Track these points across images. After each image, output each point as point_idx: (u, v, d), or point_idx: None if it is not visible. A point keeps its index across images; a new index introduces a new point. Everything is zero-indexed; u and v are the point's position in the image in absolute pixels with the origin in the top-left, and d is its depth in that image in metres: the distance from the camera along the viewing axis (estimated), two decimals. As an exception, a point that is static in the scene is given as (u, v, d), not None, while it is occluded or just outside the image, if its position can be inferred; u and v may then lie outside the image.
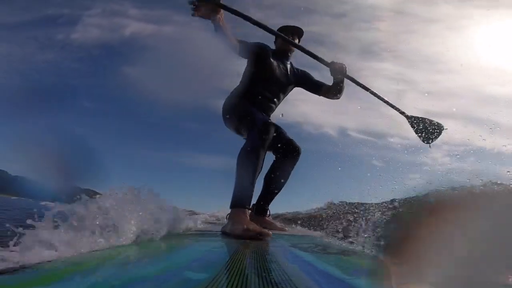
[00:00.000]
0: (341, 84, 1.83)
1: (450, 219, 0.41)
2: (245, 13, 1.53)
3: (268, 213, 1.90)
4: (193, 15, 1.42)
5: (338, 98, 1.94)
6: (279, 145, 1.79)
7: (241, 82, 1.87)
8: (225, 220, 1.49)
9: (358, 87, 1.78)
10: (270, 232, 1.26)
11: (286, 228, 1.89)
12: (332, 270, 0.69)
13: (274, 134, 1.59)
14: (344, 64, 1.75)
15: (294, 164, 1.87)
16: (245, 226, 1.24)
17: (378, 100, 1.82)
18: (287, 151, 1.84)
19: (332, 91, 1.89)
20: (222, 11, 1.45)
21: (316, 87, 1.99)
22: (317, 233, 2.02)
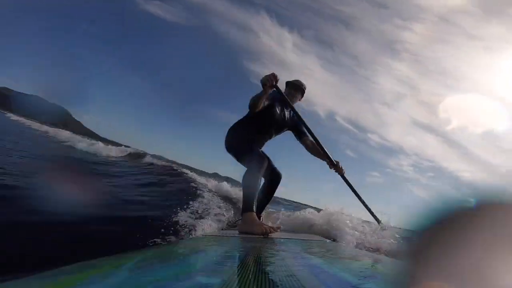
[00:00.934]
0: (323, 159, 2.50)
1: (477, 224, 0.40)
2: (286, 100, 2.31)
3: (261, 218, 2.45)
4: (263, 86, 2.03)
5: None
6: (268, 174, 2.35)
7: (246, 118, 2.35)
8: (237, 223, 1.90)
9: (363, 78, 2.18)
10: (280, 226, 2.02)
11: (281, 226, 2.32)
12: (343, 275, 0.69)
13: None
14: (344, 170, 2.47)
15: (277, 186, 2.49)
16: (258, 224, 1.76)
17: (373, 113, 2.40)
18: (273, 177, 2.44)
19: (311, 152, 2.55)
20: (273, 90, 2.14)
21: (299, 136, 2.58)
22: (316, 236, 2.20)
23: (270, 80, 1.99)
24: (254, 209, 1.94)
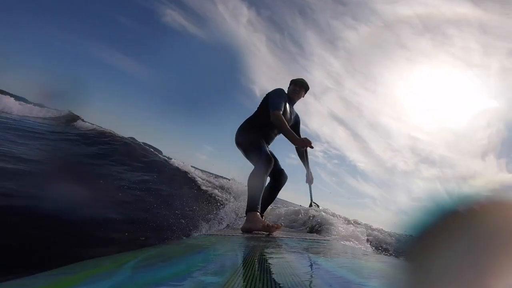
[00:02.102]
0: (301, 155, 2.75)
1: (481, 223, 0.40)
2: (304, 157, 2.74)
3: (264, 218, 2.50)
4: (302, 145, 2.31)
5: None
6: (273, 173, 2.45)
7: (256, 115, 2.47)
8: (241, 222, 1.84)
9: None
10: (281, 224, 1.99)
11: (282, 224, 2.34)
12: (346, 273, 0.68)
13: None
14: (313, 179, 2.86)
15: (281, 187, 2.55)
16: (263, 223, 1.80)
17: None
18: (279, 178, 2.51)
19: (298, 154, 2.77)
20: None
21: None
22: (318, 236, 2.33)
23: (307, 145, 2.29)
24: (259, 209, 1.97)
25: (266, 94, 2.47)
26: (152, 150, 7.40)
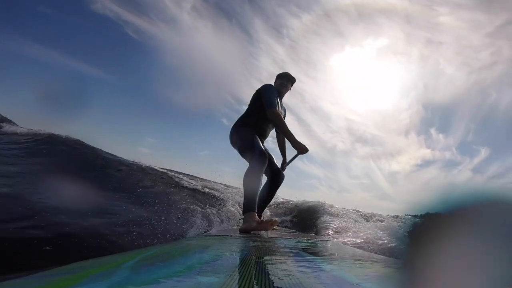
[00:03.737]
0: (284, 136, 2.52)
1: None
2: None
3: (262, 218, 2.48)
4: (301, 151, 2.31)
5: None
6: (270, 172, 2.45)
7: (248, 113, 2.45)
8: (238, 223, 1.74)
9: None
10: (277, 219, 2.03)
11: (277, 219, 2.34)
12: (343, 274, 0.69)
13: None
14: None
15: (278, 186, 2.54)
16: (257, 221, 1.82)
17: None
18: (276, 177, 2.50)
19: (279, 144, 2.78)
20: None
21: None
22: (317, 236, 2.32)
23: (305, 151, 2.29)
24: (255, 209, 1.95)
25: (256, 91, 2.46)
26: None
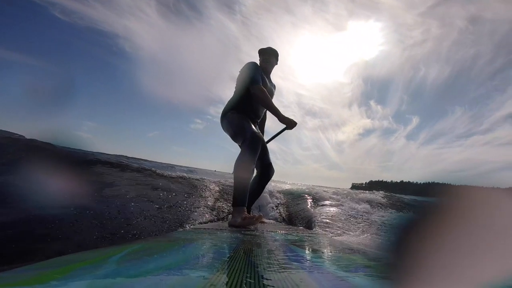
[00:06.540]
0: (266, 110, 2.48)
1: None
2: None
3: (251, 212, 2.49)
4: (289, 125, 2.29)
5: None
6: (260, 167, 2.38)
7: (235, 97, 2.32)
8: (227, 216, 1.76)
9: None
10: (261, 215, 1.94)
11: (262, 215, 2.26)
12: (332, 268, 0.70)
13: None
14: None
15: (268, 180, 2.47)
16: (246, 217, 1.82)
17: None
18: (267, 172, 2.42)
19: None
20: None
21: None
22: (306, 230, 2.36)
23: (293, 125, 2.26)
24: (245, 203, 1.93)
25: (239, 72, 2.36)
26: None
